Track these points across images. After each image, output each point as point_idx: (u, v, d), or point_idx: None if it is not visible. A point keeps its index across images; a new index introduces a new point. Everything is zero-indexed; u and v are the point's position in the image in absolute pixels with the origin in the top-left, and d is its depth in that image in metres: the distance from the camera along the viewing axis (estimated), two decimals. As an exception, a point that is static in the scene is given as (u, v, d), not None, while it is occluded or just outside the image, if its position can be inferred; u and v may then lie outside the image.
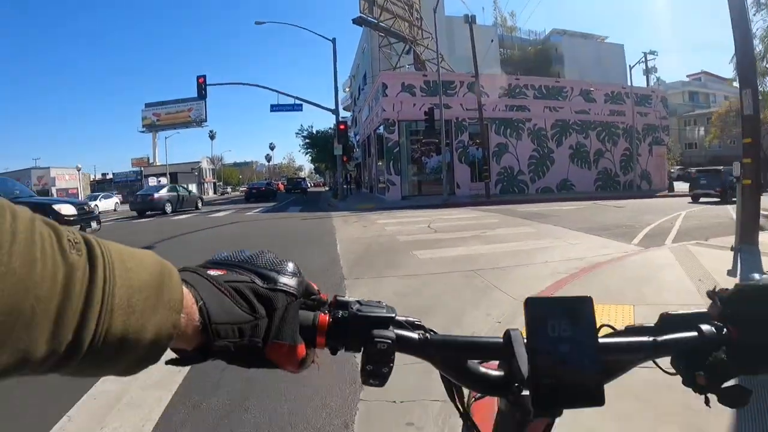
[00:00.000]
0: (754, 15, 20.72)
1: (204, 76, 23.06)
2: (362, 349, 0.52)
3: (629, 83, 28.70)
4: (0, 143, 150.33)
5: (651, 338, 0.55)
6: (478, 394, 0.61)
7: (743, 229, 6.26)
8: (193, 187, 54.50)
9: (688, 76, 72.51)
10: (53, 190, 40.82)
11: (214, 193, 70.29)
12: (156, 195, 22.10)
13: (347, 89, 44.80)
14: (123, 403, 2.91)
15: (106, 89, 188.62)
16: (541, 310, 0.53)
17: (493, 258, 6.96)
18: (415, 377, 2.83)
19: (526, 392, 0.52)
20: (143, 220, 19.39)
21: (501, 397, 0.57)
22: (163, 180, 51.86)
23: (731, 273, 5.07)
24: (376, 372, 0.51)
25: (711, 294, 0.59)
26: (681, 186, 32.74)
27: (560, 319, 0.52)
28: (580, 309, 0.53)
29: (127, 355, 0.39)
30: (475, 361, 0.56)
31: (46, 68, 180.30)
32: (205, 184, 66.86)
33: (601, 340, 0.54)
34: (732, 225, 6.96)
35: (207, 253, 0.57)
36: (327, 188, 43.08)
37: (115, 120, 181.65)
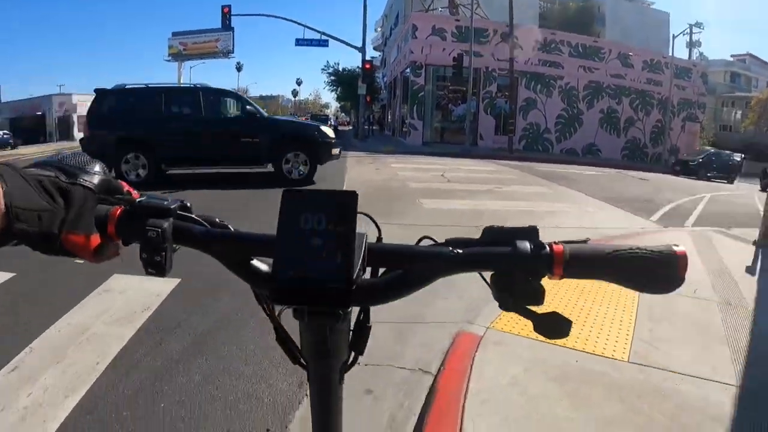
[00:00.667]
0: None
1: (229, 6, 22.62)
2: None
3: (671, 54, 27.51)
4: (26, 68, 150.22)
5: (450, 249, 0.51)
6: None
7: (769, 223, 5.66)
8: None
9: (732, 56, 69.23)
10: (74, 116, 40.91)
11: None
12: None
13: (379, 29, 43.87)
14: (84, 338, 2.92)
15: (133, 16, 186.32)
16: (296, 202, 0.49)
17: (501, 216, 6.63)
18: (386, 340, 2.72)
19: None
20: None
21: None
22: None
23: (750, 270, 4.54)
24: (149, 260, 0.52)
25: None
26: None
27: (316, 213, 0.48)
28: (341, 203, 0.49)
29: None
30: (266, 259, 0.53)
31: None
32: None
33: (377, 246, 0.53)
34: (757, 216, 6.47)
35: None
36: (350, 127, 42.49)
37: (141, 48, 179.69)
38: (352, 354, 0.58)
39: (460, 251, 0.51)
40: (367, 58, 24.73)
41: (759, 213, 6.56)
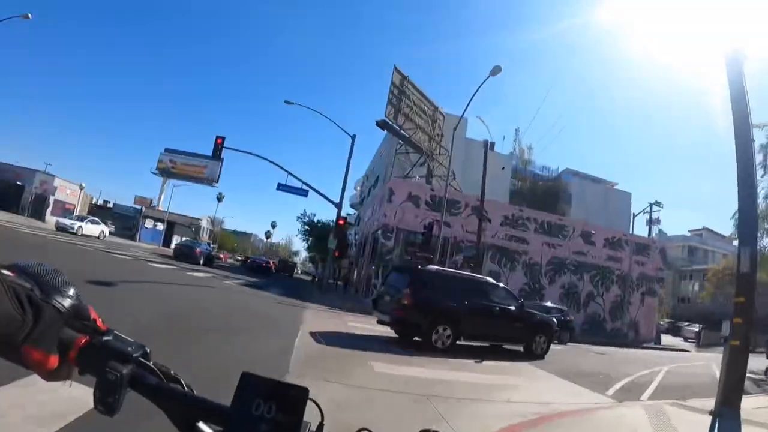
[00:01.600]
0: (762, 177, 21.41)
1: (223, 138, 23.48)
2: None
3: (631, 231, 29.25)
4: (21, 138, 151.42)
5: None
6: None
7: (725, 391, 5.76)
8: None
9: (690, 231, 73.96)
10: (51, 198, 41.00)
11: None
12: (197, 249, 29.38)
13: (358, 188, 45.83)
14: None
15: (130, 124, 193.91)
16: (252, 388, 0.54)
17: (451, 386, 6.51)
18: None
19: None
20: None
21: None
22: (160, 226, 51.86)
23: (705, 442, 4.48)
24: (102, 399, 0.55)
25: None
26: (668, 339, 32.85)
27: (268, 401, 0.53)
28: (292, 396, 0.54)
29: None
30: (213, 426, 0.58)
31: (81, 87, 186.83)
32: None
33: None
34: (714, 385, 6.47)
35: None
36: (314, 278, 42.29)
37: (130, 155, 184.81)
38: None
39: None
40: (343, 214, 25.68)
41: (715, 380, 6.58)
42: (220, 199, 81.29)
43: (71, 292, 0.61)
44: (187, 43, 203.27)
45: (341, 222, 24.38)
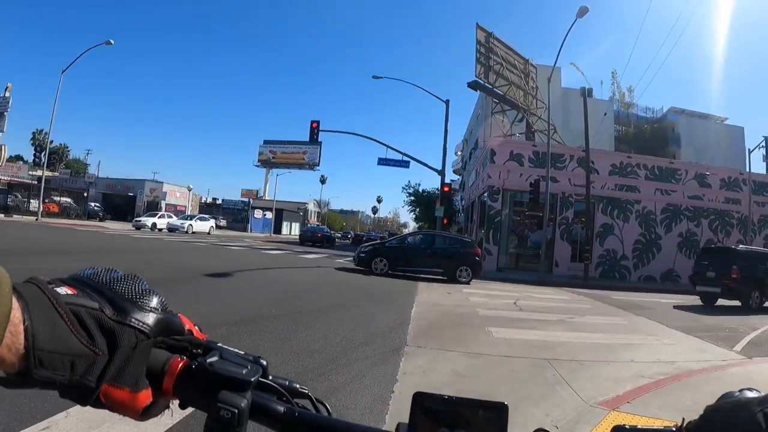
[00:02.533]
0: None
1: (318, 122, 24.04)
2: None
3: (747, 169, 26.94)
4: (128, 151, 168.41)
5: None
6: None
7: None
8: (296, 227, 56.76)
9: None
10: (162, 203, 44.95)
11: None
12: (319, 234, 36.07)
13: (459, 153, 45.39)
14: (121, 418, 2.91)
15: (229, 123, 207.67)
16: (434, 411, 0.42)
17: (572, 348, 6.32)
18: None
19: None
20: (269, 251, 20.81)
21: None
22: (268, 214, 55.00)
23: None
24: None
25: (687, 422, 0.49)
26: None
27: (458, 427, 0.41)
28: (489, 418, 0.41)
29: None
30: None
31: (182, 94, 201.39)
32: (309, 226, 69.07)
33: None
34: None
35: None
36: None
37: (233, 152, 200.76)
38: None
39: None
40: (447, 180, 25.64)
41: None
42: (323, 181, 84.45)
43: (154, 302, 0.48)
44: (276, 36, 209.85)
45: (446, 189, 24.49)
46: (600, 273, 23.40)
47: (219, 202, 59.82)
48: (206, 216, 37.78)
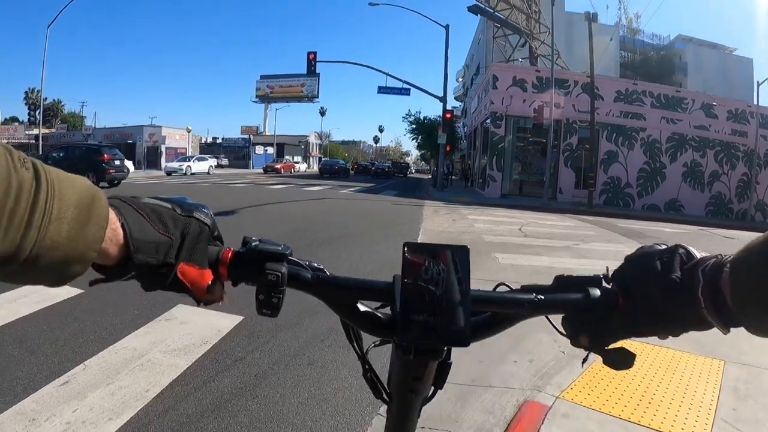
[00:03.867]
0: None
1: (314, 53, 23.37)
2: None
3: (755, 102, 26.22)
4: (124, 101, 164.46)
5: (534, 295, 0.58)
6: (378, 339, 0.64)
7: None
8: (299, 160, 56.13)
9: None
10: (162, 147, 44.08)
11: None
12: (336, 166, 38.95)
13: (460, 79, 44.45)
14: (139, 363, 2.93)
15: (224, 61, 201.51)
16: (417, 254, 0.55)
17: (579, 274, 6.34)
18: (446, 402, 2.56)
19: None
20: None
21: (386, 337, 0.60)
22: (270, 150, 53.96)
23: None
24: (267, 301, 0.55)
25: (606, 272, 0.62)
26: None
27: (435, 264, 0.54)
28: (456, 256, 0.55)
29: (58, 263, 0.44)
30: (369, 303, 0.60)
31: (172, 36, 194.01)
32: (311, 158, 68.84)
33: (477, 293, 0.57)
34: None
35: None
36: (429, 176, 43.01)
37: (230, 90, 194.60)
38: (432, 389, 0.64)
39: (542, 297, 0.58)
40: (448, 107, 24.99)
41: None
42: (323, 113, 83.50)
43: (206, 210, 0.60)
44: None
45: (448, 116, 23.84)
46: (604, 200, 23.08)
47: (219, 141, 59.10)
48: (205, 156, 37.10)
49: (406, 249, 0.55)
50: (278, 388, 2.76)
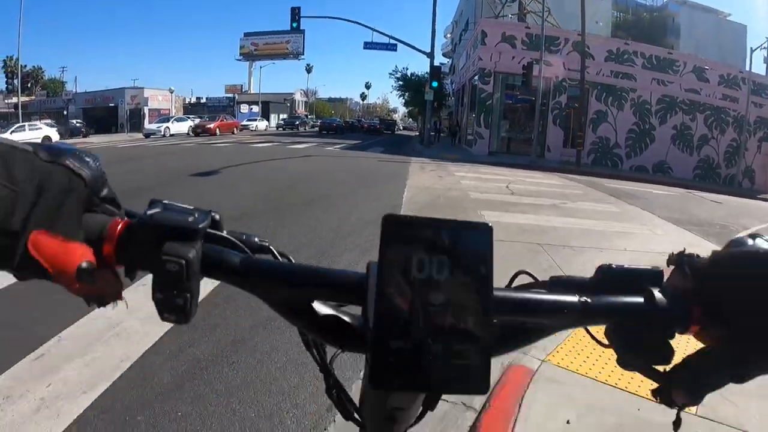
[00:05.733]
0: None
1: (298, 8, 23.00)
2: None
3: (748, 68, 25.95)
4: (105, 64, 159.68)
5: (578, 298, 0.39)
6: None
7: None
8: (256, 118, 55.81)
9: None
10: (145, 109, 43.27)
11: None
12: (334, 124, 40.15)
13: (448, 35, 44.04)
14: (114, 332, 2.86)
15: (207, 19, 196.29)
16: (406, 237, 0.34)
17: (565, 234, 6.32)
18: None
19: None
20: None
21: (355, 351, 0.40)
22: (255, 108, 53.14)
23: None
24: (166, 302, 0.36)
25: (675, 258, 0.42)
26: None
27: (434, 253, 0.34)
28: (469, 240, 0.35)
29: None
30: (330, 302, 0.41)
31: None
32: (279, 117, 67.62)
33: (500, 293, 0.37)
34: None
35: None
36: (416, 134, 42.72)
37: (214, 48, 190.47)
38: (420, 409, 0.44)
39: (590, 300, 0.38)
40: (436, 64, 24.59)
41: None
42: (309, 70, 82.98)
43: (91, 160, 0.38)
44: None
45: (435, 72, 23.28)
46: (592, 160, 22.90)
47: (204, 101, 58.08)
48: (184, 117, 36.39)
49: (386, 227, 0.34)
50: (255, 353, 2.75)
